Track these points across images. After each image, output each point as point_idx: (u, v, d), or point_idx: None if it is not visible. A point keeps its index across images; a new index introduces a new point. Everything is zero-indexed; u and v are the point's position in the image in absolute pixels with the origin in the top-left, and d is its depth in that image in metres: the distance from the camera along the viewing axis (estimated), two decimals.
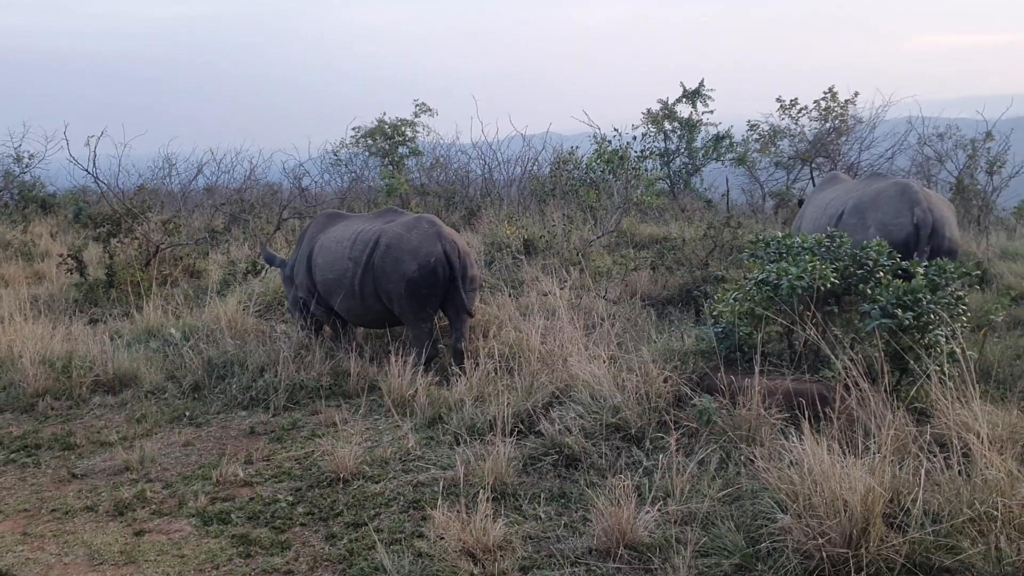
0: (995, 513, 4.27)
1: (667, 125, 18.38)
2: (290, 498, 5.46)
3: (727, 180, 17.64)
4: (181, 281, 11.81)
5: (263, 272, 11.44)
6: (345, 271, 8.11)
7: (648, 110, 18.39)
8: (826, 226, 8.79)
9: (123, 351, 8.29)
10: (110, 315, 10.16)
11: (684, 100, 18.13)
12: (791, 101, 18.16)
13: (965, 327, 6.26)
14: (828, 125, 18.01)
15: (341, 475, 5.70)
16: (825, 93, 18.00)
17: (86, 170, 15.00)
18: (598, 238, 13.06)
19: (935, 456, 4.80)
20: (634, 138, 17.99)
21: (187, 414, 7.18)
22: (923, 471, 4.56)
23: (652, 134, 18.44)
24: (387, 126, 19.67)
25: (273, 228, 15.18)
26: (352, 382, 7.60)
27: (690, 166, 18.61)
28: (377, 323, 8.44)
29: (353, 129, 20.10)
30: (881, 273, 6.67)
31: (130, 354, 8.24)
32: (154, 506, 5.42)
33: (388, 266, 7.88)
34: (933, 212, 8.32)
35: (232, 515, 5.23)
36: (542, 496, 5.29)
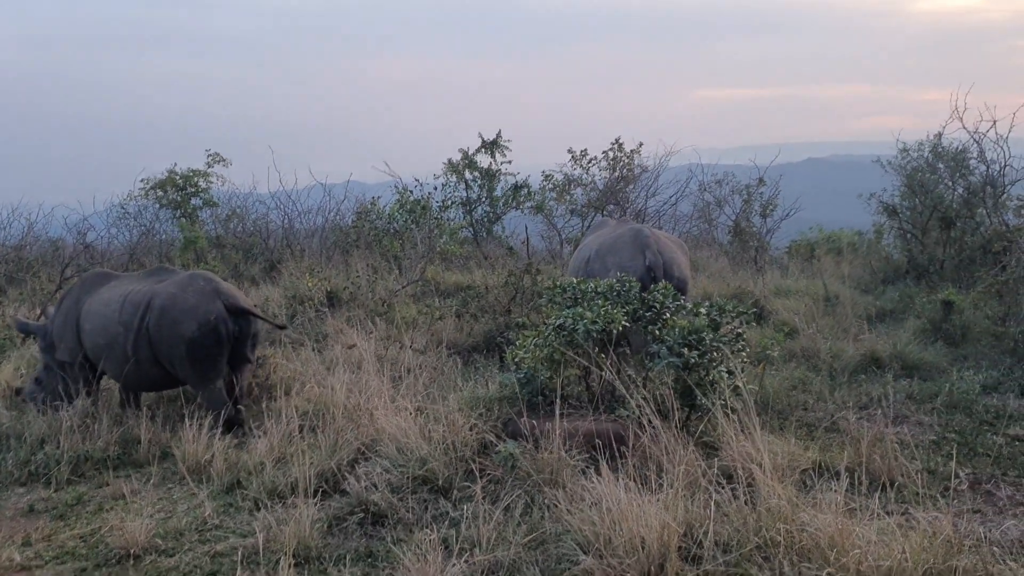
0: (779, 539, 4.56)
1: (468, 175, 18.70)
2: None
3: (526, 228, 18.14)
4: None
5: None
6: (116, 336, 7.67)
7: (449, 160, 18.66)
8: (579, 269, 9.49)
9: None
10: None
11: (483, 150, 18.53)
12: (581, 152, 18.97)
13: (745, 362, 6.71)
14: (616, 174, 18.92)
15: (131, 551, 5.33)
16: (612, 144, 18.92)
17: None
18: (403, 288, 13.05)
19: (723, 488, 5.08)
20: (435, 188, 18.19)
21: None
22: (713, 503, 4.81)
23: (453, 184, 18.70)
24: (178, 177, 18.88)
25: (55, 287, 14.15)
26: (143, 449, 7.15)
27: (491, 214, 18.98)
28: (156, 387, 8.07)
29: (142, 181, 19.15)
30: (667, 314, 7.05)
31: None
32: None
33: (165, 329, 7.52)
34: (663, 254, 9.21)
35: None
36: (348, 557, 5.16)
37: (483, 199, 18.84)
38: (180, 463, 6.66)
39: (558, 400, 6.29)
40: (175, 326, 7.50)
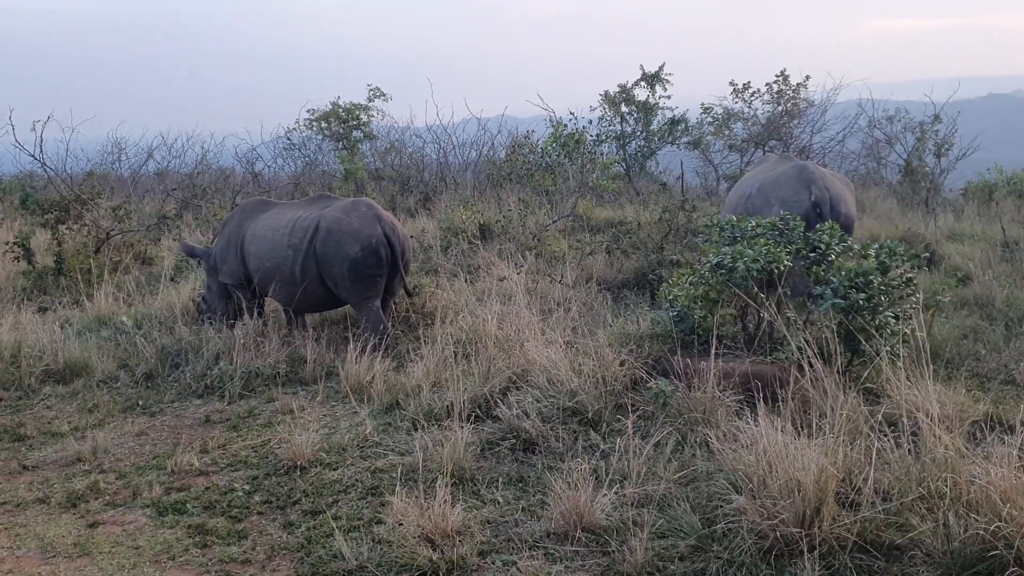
0: (944, 490, 4.37)
1: (624, 108, 18.40)
2: (247, 487, 5.41)
3: (681, 163, 17.75)
4: (132, 268, 11.59)
5: None
6: (284, 258, 8.12)
7: (606, 92, 18.39)
8: (738, 205, 9.34)
9: (73, 340, 8.13)
10: (59, 303, 9.94)
11: (643, 83, 18.14)
12: (744, 85, 18.27)
13: (914, 308, 6.39)
14: (780, 108, 18.17)
15: (298, 462, 5.66)
16: (777, 76, 18.12)
17: (32, 155, 14.62)
18: (554, 222, 13.07)
19: (886, 435, 4.90)
20: (590, 122, 17.99)
21: (140, 403, 7.07)
22: (874, 450, 4.65)
23: (609, 118, 18.44)
24: (341, 110, 19.44)
25: (226, 213, 14.96)
26: (309, 368, 7.54)
27: (646, 149, 18.65)
28: (319, 307, 8.54)
29: (307, 112, 19.86)
30: (833, 255, 6.78)
31: (81, 343, 8.09)
32: (108, 497, 5.34)
33: (330, 250, 7.95)
34: (829, 190, 8.90)
35: (188, 505, 5.18)
36: (500, 481, 5.31)
37: (638, 133, 18.51)
38: (343, 382, 6.99)
39: (713, 339, 6.18)
40: (340, 247, 7.89)
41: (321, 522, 4.89)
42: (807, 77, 18.37)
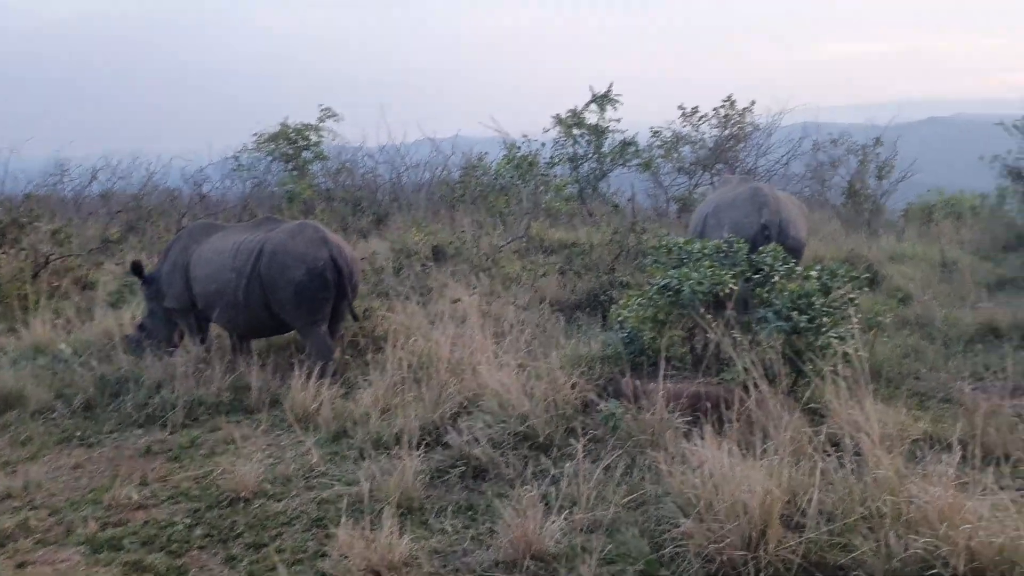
0: (884, 510, 4.42)
1: (576, 131, 18.54)
2: (187, 520, 5.28)
3: (632, 185, 17.91)
4: (72, 294, 11.32)
5: None
6: (228, 282, 8.00)
7: (558, 115, 18.53)
8: (698, 225, 9.59)
9: (7, 369, 7.88)
10: None
11: (594, 104, 18.31)
12: (692, 109, 18.59)
13: (856, 328, 6.48)
14: (727, 132, 18.47)
15: (241, 494, 5.54)
16: (724, 101, 18.46)
17: None
18: (507, 243, 13.08)
19: (829, 456, 4.94)
20: (542, 144, 18.10)
21: (77, 435, 6.85)
22: (818, 471, 4.68)
23: (561, 140, 18.58)
24: (291, 131, 19.31)
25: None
26: (253, 396, 7.39)
27: (598, 171, 18.80)
28: (263, 332, 8.43)
29: (255, 134, 19.67)
30: (776, 277, 6.85)
31: (15, 372, 7.83)
32: (39, 535, 5.14)
33: (275, 273, 7.85)
34: (780, 213, 9.15)
35: (124, 541, 5.02)
36: (449, 509, 5.25)
37: (590, 155, 18.66)
38: (288, 411, 6.88)
39: (662, 361, 6.20)
40: (285, 271, 7.80)
41: (264, 556, 4.78)
42: (752, 102, 18.74)
